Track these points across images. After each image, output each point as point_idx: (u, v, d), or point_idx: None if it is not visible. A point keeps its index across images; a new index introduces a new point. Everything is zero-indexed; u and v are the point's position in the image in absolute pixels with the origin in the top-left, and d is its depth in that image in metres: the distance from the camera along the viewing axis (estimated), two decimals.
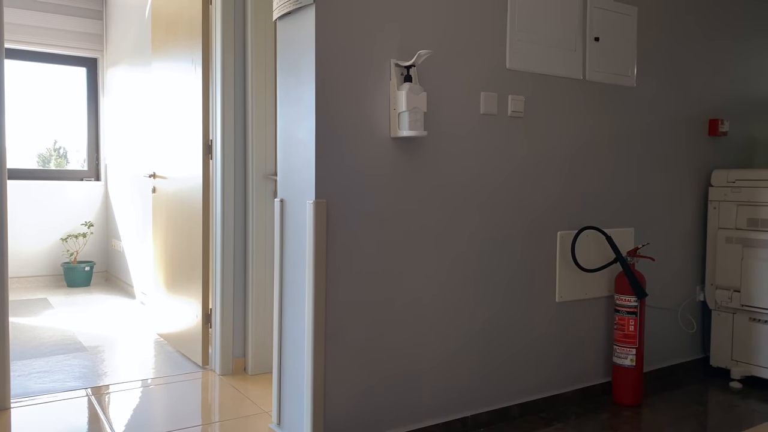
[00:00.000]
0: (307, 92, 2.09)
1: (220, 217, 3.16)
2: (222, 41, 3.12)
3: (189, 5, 3.37)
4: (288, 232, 2.23)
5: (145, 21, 4.78)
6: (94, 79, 6.04)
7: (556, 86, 2.63)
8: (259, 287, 3.18)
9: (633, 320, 2.69)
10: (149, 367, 3.31)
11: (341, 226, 2.12)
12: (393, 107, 2.18)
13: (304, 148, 2.12)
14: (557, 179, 2.67)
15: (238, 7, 3.15)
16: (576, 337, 2.77)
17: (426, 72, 2.28)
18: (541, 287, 2.64)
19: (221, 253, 3.16)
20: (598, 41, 2.74)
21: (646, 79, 2.95)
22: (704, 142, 3.23)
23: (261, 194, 3.16)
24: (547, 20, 2.57)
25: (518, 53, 2.50)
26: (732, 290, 3.09)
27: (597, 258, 2.79)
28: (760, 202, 2.99)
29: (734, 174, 3.10)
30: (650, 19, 2.94)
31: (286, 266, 2.24)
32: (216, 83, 3.17)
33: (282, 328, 2.27)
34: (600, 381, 2.85)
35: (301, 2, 2.07)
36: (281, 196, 2.28)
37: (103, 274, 5.99)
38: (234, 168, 3.17)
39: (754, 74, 3.46)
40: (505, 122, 2.50)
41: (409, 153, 2.26)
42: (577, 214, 2.74)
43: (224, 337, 3.19)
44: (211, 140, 3.26)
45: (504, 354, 2.54)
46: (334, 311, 2.11)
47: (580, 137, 2.73)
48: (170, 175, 3.69)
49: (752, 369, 3.04)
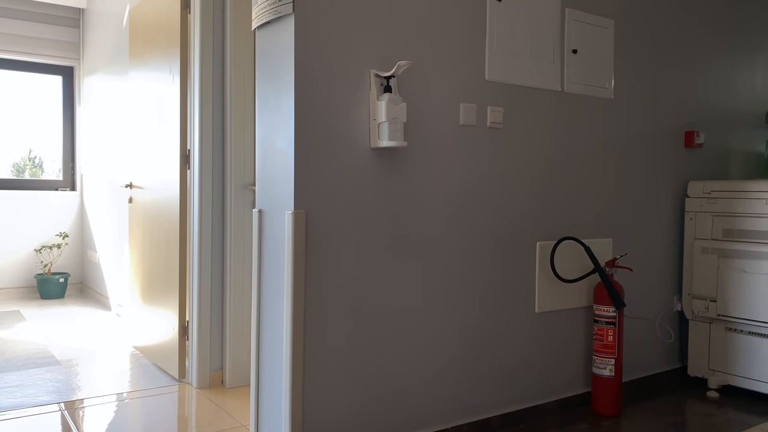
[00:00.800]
0: (286, 102, 2.07)
1: (197, 227, 3.12)
2: (200, 50, 3.09)
3: (167, 14, 3.34)
4: (266, 243, 2.20)
5: (123, 29, 4.73)
6: (71, 88, 5.96)
7: (534, 98, 2.65)
8: (237, 299, 3.14)
9: (612, 330, 2.70)
10: (125, 380, 3.25)
11: (321, 236, 2.10)
12: (373, 117, 2.18)
13: (283, 158, 2.10)
14: (536, 190, 2.68)
15: (217, 15, 3.13)
16: (556, 348, 2.77)
17: (406, 83, 2.28)
18: (520, 298, 2.64)
19: (198, 264, 3.12)
20: (576, 54, 2.77)
21: (623, 91, 2.99)
22: (680, 153, 3.28)
23: (239, 204, 3.13)
24: (526, 33, 2.59)
25: (497, 65, 2.52)
26: (708, 300, 3.12)
27: (576, 268, 2.80)
28: (735, 212, 3.03)
29: (710, 185, 3.14)
30: (627, 33, 2.98)
31: (265, 278, 2.21)
32: (194, 92, 3.15)
33: (260, 341, 2.24)
34: (580, 391, 2.86)
35: (281, 12, 2.06)
36: (260, 207, 2.25)
37: (78, 286, 5.88)
38: (212, 178, 3.14)
39: (728, 87, 3.52)
40: (484, 133, 2.50)
41: (389, 163, 2.25)
42: (556, 224, 2.75)
43: (201, 350, 3.15)
44: (188, 150, 3.23)
45: (484, 365, 2.53)
46: (314, 323, 2.09)
47: (559, 148, 2.75)
48: (147, 185, 3.64)
49: (729, 378, 3.07)
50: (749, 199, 2.99)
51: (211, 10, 3.10)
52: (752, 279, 2.95)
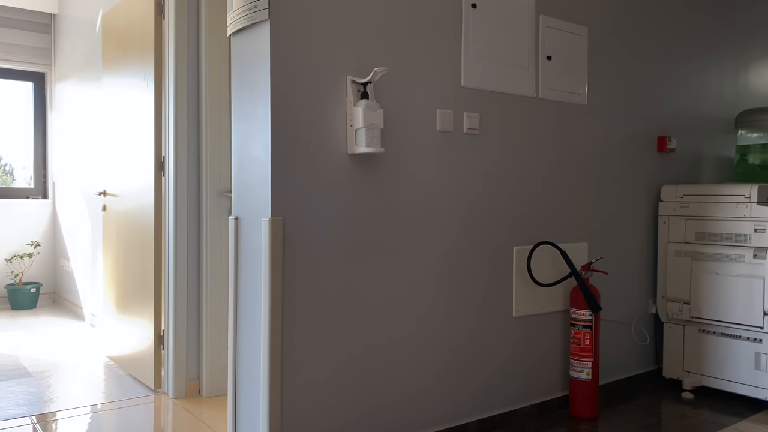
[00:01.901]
0: (262, 108, 2.06)
1: (172, 235, 3.09)
2: (175, 56, 3.06)
3: (141, 20, 3.31)
4: (243, 250, 2.19)
5: (96, 35, 4.67)
6: (42, 94, 5.86)
7: (510, 104, 2.67)
8: (213, 307, 3.10)
9: (588, 334, 2.72)
10: (99, 391, 3.19)
11: (298, 243, 2.09)
12: (350, 124, 2.18)
13: (260, 164, 2.09)
14: (513, 195, 2.69)
15: (192, 21, 3.10)
16: (533, 352, 2.78)
17: (383, 89, 2.28)
18: (498, 302, 2.65)
19: (174, 272, 3.08)
20: (551, 60, 2.80)
21: (596, 97, 3.03)
22: (653, 158, 3.33)
23: (215, 212, 3.10)
24: (501, 39, 2.61)
25: (473, 71, 2.53)
26: (682, 302, 3.17)
27: (553, 273, 2.83)
28: (707, 216, 3.09)
29: (682, 189, 3.20)
30: (600, 39, 3.02)
31: (241, 286, 2.19)
32: (169, 98, 3.11)
33: (237, 350, 2.22)
34: (558, 395, 2.88)
35: (256, 18, 2.05)
36: (236, 214, 2.24)
37: (50, 296, 5.77)
38: (187, 185, 3.11)
39: (699, 93, 3.59)
40: (461, 139, 2.51)
41: (367, 170, 2.25)
42: (533, 229, 2.77)
43: (177, 359, 3.10)
44: (163, 156, 3.19)
45: (462, 370, 2.54)
46: (292, 331, 2.08)
47: (534, 154, 2.77)
48: (121, 192, 3.59)
49: (703, 379, 3.12)
50: (720, 203, 3.04)
51: (185, 15, 3.08)
52: (724, 281, 3.00)
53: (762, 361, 2.91)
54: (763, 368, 2.90)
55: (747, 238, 2.95)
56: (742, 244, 2.96)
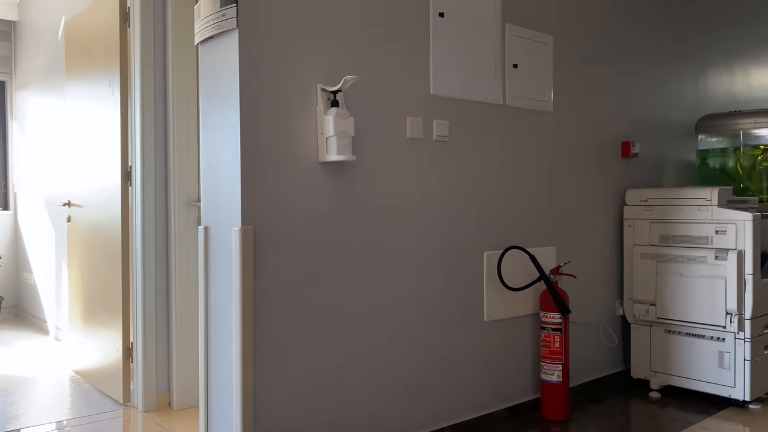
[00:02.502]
0: (232, 116, 2.05)
1: (140, 246, 3.04)
2: (141, 64, 3.03)
3: (105, 27, 3.26)
4: (213, 260, 2.16)
5: (58, 43, 4.58)
6: (2, 103, 5.72)
7: (478, 111, 2.70)
8: (183, 318, 3.06)
9: (558, 337, 2.76)
10: (65, 407, 3.12)
11: (269, 253, 2.07)
12: (320, 132, 2.18)
13: (229, 173, 2.07)
14: (482, 201, 2.72)
15: (158, 29, 3.07)
16: (505, 356, 2.81)
17: (353, 97, 2.29)
18: (470, 307, 2.67)
19: (142, 283, 3.03)
20: (517, 68, 2.84)
21: (562, 104, 3.08)
22: (618, 163, 3.40)
23: (184, 222, 3.06)
24: (468, 48, 2.65)
25: (441, 79, 2.56)
26: (648, 304, 3.24)
27: (522, 277, 2.86)
28: (670, 219, 3.17)
29: (646, 193, 3.27)
30: (565, 47, 3.08)
31: (212, 296, 2.17)
32: (135, 107, 3.07)
33: (208, 361, 2.19)
34: (529, 398, 2.91)
35: (224, 27, 2.04)
36: (205, 224, 2.21)
37: (12, 310, 5.62)
38: (155, 194, 3.07)
39: (661, 99, 3.68)
40: (430, 146, 2.54)
41: (338, 177, 2.25)
42: (502, 234, 2.81)
43: (147, 372, 3.05)
44: (130, 166, 3.14)
45: (435, 375, 2.55)
46: (264, 343, 2.06)
47: (503, 160, 2.81)
48: (87, 203, 3.53)
49: (669, 379, 3.19)
50: (683, 206, 3.12)
51: (151, 23, 3.04)
52: (688, 282, 3.08)
53: (725, 359, 2.99)
54: (727, 366, 2.98)
55: (709, 240, 3.03)
56: (705, 246, 3.04)
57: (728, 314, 2.95)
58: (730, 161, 3.81)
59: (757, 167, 3.72)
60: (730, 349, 2.97)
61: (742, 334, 2.94)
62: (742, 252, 2.92)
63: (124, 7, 3.13)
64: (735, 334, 2.96)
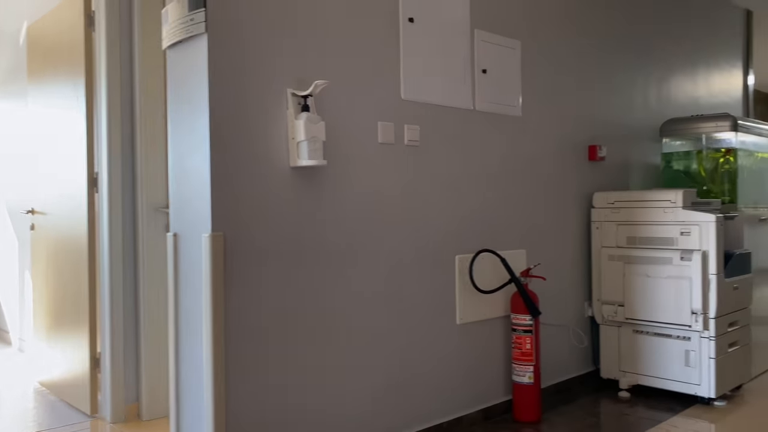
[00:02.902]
0: (201, 122, 2.03)
1: (107, 253, 2.98)
2: (107, 69, 2.98)
3: (69, 31, 3.20)
4: (182, 267, 2.14)
5: (20, 48, 4.48)
6: None
7: (448, 116, 2.72)
8: (152, 326, 3.01)
9: (529, 338, 2.79)
10: (29, 420, 3.04)
11: (240, 259, 2.05)
12: (291, 137, 2.17)
13: (198, 178, 2.05)
14: (454, 205, 2.74)
15: (124, 32, 3.02)
16: (477, 358, 2.83)
17: (324, 102, 2.28)
18: (442, 310, 2.68)
19: (110, 292, 2.98)
20: (486, 73, 2.87)
21: (530, 108, 3.12)
22: (585, 166, 3.45)
23: (152, 228, 3.02)
24: (438, 53, 2.66)
25: (412, 84, 2.57)
26: (616, 305, 3.29)
27: (494, 279, 2.89)
28: (636, 221, 3.23)
29: (613, 196, 3.33)
30: (533, 53, 3.13)
31: (182, 304, 2.14)
32: (101, 112, 3.02)
33: (178, 369, 2.16)
34: (501, 400, 2.93)
35: (193, 31, 2.02)
36: (174, 230, 2.18)
37: None
38: (122, 201, 3.02)
39: (627, 103, 3.76)
40: (402, 151, 2.54)
41: (310, 182, 2.24)
42: (474, 237, 2.83)
43: (115, 382, 2.99)
44: (96, 172, 3.09)
45: (408, 379, 2.55)
46: (236, 350, 2.04)
47: (473, 164, 2.83)
48: (51, 210, 3.45)
49: (638, 378, 3.24)
50: (649, 208, 3.19)
51: (117, 27, 3.00)
52: (655, 283, 3.14)
53: (691, 357, 3.05)
54: (693, 364, 3.05)
55: (674, 241, 3.10)
56: (670, 247, 3.11)
57: (693, 313, 3.01)
58: (694, 164, 3.90)
59: (719, 170, 3.82)
60: (695, 348, 3.04)
61: (707, 332, 3.01)
62: (706, 252, 2.99)
63: (89, 11, 3.08)
64: (700, 333, 3.02)
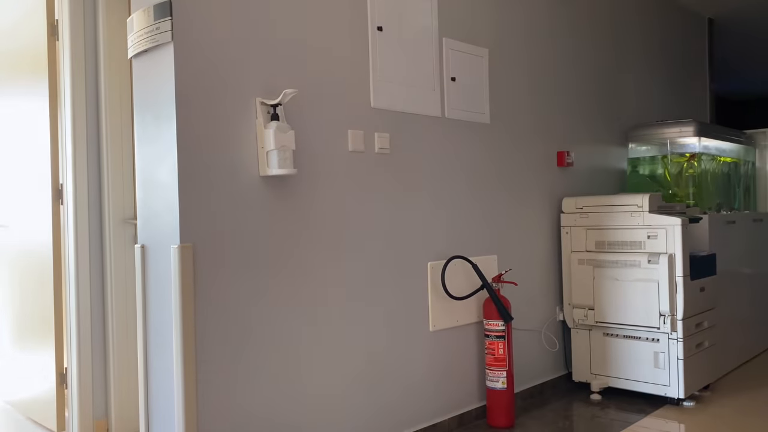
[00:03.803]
0: (168, 131, 2.00)
1: (73, 266, 2.92)
2: (71, 78, 2.92)
3: (32, 41, 3.13)
4: (151, 280, 2.10)
5: None
6: None
7: (418, 124, 2.73)
8: (121, 341, 2.95)
9: (502, 344, 2.81)
10: None
11: (210, 271, 2.03)
12: (261, 146, 2.15)
13: (166, 189, 2.02)
14: (424, 212, 2.75)
15: (89, 41, 2.97)
16: (451, 365, 2.84)
17: (293, 111, 2.27)
18: (415, 318, 2.68)
19: (76, 306, 2.91)
20: (455, 81, 2.89)
21: (498, 115, 3.15)
22: (554, 172, 3.50)
23: (120, 240, 2.96)
24: (407, 61, 2.68)
25: (382, 92, 2.58)
26: (587, 308, 3.33)
27: (466, 286, 2.90)
28: (605, 225, 3.28)
29: (581, 201, 3.38)
30: (500, 60, 3.16)
31: (151, 317, 2.10)
32: (65, 122, 2.96)
33: (148, 384, 2.12)
34: (475, 406, 2.94)
35: (159, 41, 1.99)
36: (142, 242, 2.15)
37: None
38: (88, 212, 2.95)
39: (593, 109, 3.82)
40: (372, 158, 2.54)
41: (280, 191, 2.23)
42: (445, 244, 2.84)
43: (82, 398, 2.92)
44: (61, 183, 3.02)
45: (382, 388, 2.54)
46: (206, 362, 2.01)
47: (444, 171, 2.85)
48: (14, 222, 3.36)
49: (609, 380, 3.28)
50: (616, 213, 3.24)
51: (81, 36, 2.95)
52: (623, 286, 3.19)
53: (660, 359, 3.10)
54: (661, 366, 3.10)
55: (641, 245, 3.15)
56: (638, 251, 3.16)
57: (661, 315, 3.07)
58: (659, 168, 3.98)
59: (683, 174, 3.90)
60: (664, 350, 3.09)
61: (675, 334, 3.06)
62: (672, 255, 3.05)
63: (52, 20, 3.02)
64: (668, 335, 3.08)
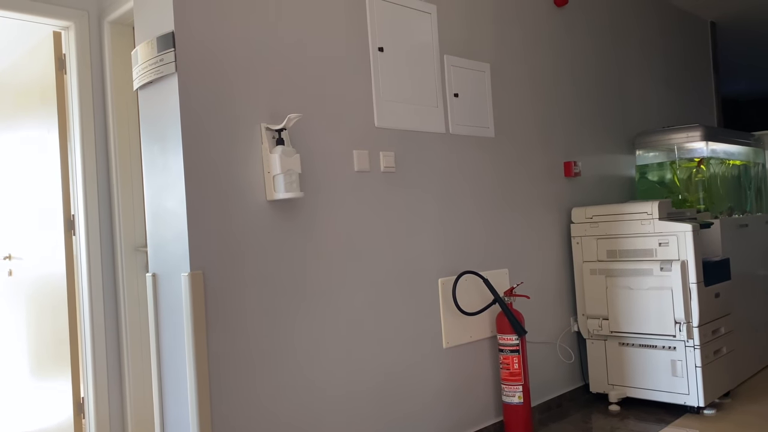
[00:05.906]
0: (175, 160, 2.03)
1: (87, 296, 2.95)
2: (80, 111, 2.97)
3: (41, 74, 3.19)
4: (163, 307, 2.11)
5: None
6: None
7: (422, 141, 2.75)
8: (136, 369, 2.97)
9: (517, 358, 2.79)
10: None
11: (221, 297, 2.04)
12: (267, 170, 2.17)
13: (175, 217, 2.04)
14: (433, 228, 2.75)
15: (96, 74, 3.02)
16: (466, 381, 2.82)
17: (298, 134, 2.29)
18: (427, 335, 2.68)
19: (91, 335, 2.93)
20: (458, 97, 2.91)
21: (503, 129, 3.16)
22: (562, 182, 3.49)
23: (132, 269, 2.99)
24: (409, 80, 2.70)
25: (385, 112, 2.59)
26: (601, 318, 3.31)
27: (478, 301, 2.89)
28: (615, 234, 3.26)
29: (591, 210, 3.37)
30: (502, 74, 3.17)
31: (164, 345, 2.11)
32: (75, 154, 3.00)
33: (163, 412, 2.12)
34: (493, 421, 2.92)
35: (163, 72, 2.03)
36: (153, 270, 2.17)
37: None
38: (100, 242, 2.99)
39: (599, 118, 3.82)
40: (379, 178, 2.56)
41: (288, 215, 2.24)
42: (455, 260, 2.83)
43: (100, 427, 2.93)
44: (72, 214, 3.06)
45: (397, 407, 2.53)
46: (220, 391, 2.01)
47: (450, 187, 2.85)
48: (28, 254, 3.40)
49: (627, 390, 3.25)
50: (626, 221, 3.22)
51: (88, 69, 3.00)
52: (637, 295, 3.17)
53: (677, 367, 3.07)
54: (680, 374, 3.06)
55: (653, 252, 3.13)
56: (650, 258, 3.14)
57: (677, 323, 3.04)
58: (668, 174, 3.97)
59: (693, 179, 3.88)
60: (681, 358, 3.06)
61: (692, 341, 3.03)
62: (685, 262, 3.03)
63: (60, 54, 3.08)
64: (685, 342, 3.04)
